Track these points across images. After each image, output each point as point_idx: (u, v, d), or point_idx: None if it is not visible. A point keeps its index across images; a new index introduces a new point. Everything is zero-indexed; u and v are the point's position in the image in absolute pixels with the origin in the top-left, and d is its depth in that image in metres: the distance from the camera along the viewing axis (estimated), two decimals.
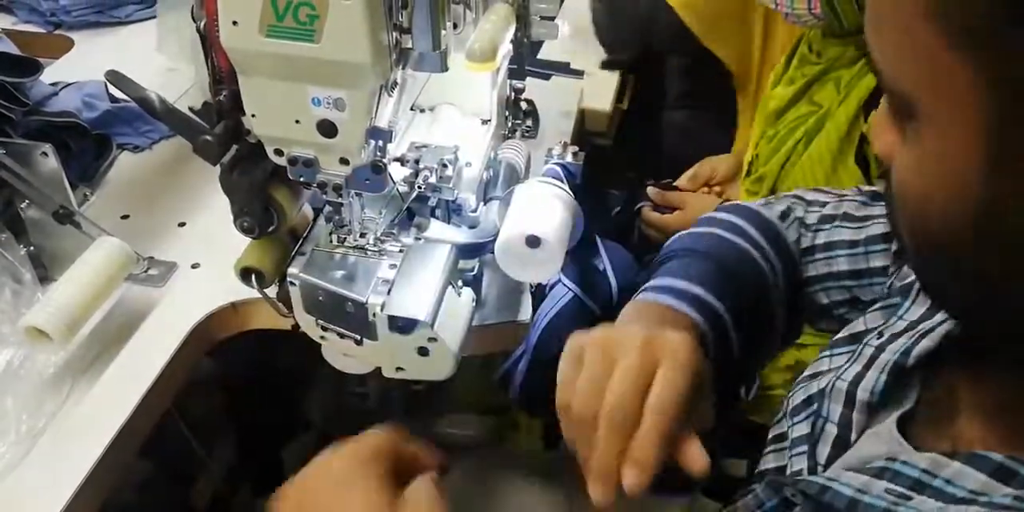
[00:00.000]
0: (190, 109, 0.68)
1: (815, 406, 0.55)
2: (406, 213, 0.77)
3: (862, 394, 0.50)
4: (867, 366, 0.51)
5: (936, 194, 0.37)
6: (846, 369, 0.53)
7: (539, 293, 0.80)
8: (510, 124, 0.99)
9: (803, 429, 0.56)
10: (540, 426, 1.19)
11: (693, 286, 0.62)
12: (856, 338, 0.57)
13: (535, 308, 0.79)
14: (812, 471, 0.52)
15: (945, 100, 0.35)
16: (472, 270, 0.79)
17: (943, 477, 0.40)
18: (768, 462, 0.59)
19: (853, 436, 0.50)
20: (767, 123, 1.13)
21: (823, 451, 0.52)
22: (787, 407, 0.59)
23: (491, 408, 1.33)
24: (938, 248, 0.39)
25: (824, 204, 0.72)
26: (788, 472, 0.54)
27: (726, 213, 0.71)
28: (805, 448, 0.54)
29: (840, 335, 0.59)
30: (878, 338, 0.53)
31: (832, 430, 0.52)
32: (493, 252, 0.77)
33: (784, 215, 0.71)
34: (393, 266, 0.74)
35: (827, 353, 0.58)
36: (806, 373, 0.59)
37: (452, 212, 0.80)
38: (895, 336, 0.51)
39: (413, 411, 1.37)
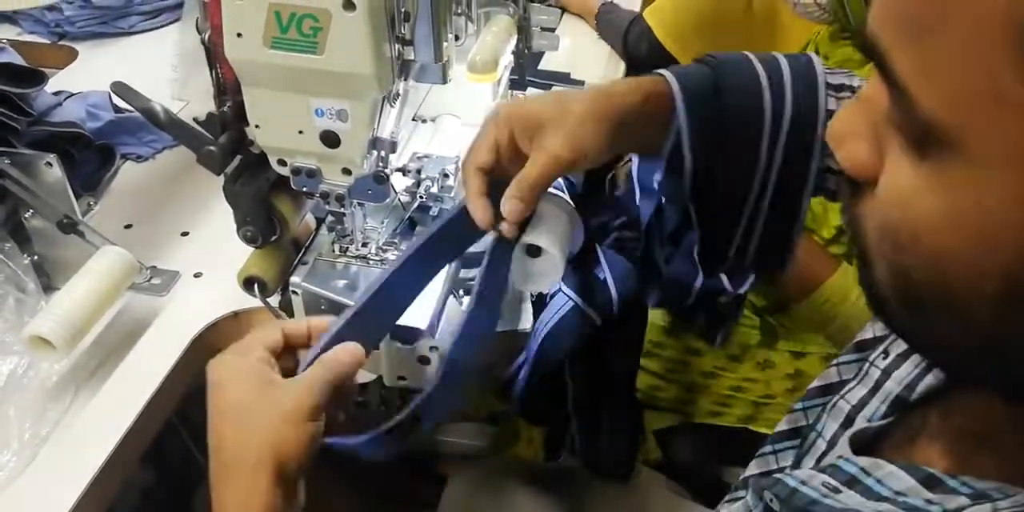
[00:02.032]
0: (194, 120, 0.69)
1: (809, 420, 0.56)
2: (408, 223, 0.78)
3: (860, 421, 0.50)
4: (872, 391, 0.50)
5: (965, 253, 0.31)
6: (852, 389, 0.52)
7: (539, 302, 0.80)
8: None
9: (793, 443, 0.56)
10: (541, 435, 1.19)
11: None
12: (863, 347, 0.56)
13: (535, 317, 0.80)
14: None
15: (1006, 146, 0.28)
16: (473, 279, 0.79)
17: (875, 477, 0.39)
18: (751, 469, 0.59)
19: None
20: None
21: (808, 463, 0.52)
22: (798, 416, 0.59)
23: (491, 417, 1.33)
24: (941, 307, 0.33)
25: None
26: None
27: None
28: (791, 454, 0.55)
29: (848, 347, 0.59)
30: (884, 357, 0.51)
31: (821, 446, 0.52)
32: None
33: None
34: None
35: (834, 362, 0.58)
36: (816, 384, 0.59)
37: None
38: (901, 357, 0.50)
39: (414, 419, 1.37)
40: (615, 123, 0.60)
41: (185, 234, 0.96)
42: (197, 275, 0.90)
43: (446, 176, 0.77)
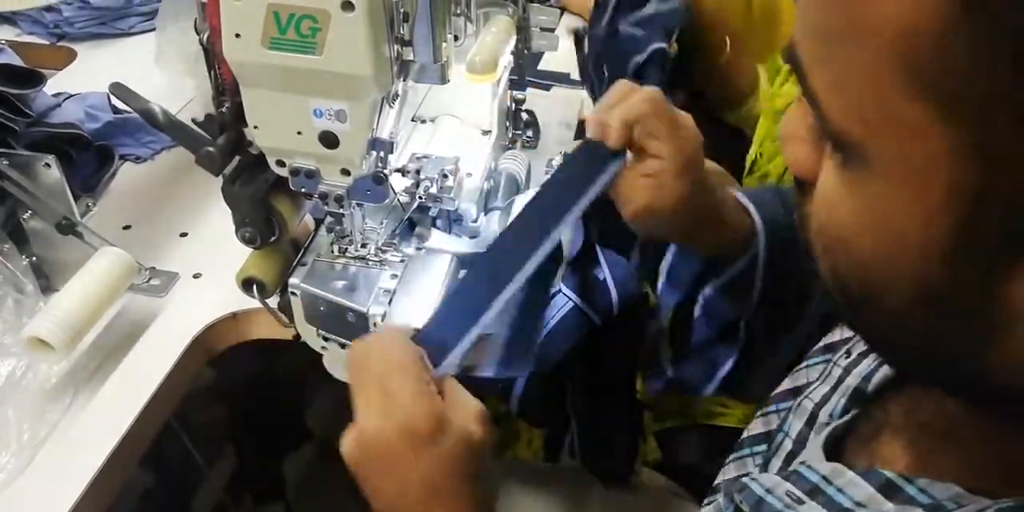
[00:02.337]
0: (192, 121, 0.69)
1: (780, 422, 0.56)
2: (407, 223, 0.78)
3: (823, 416, 0.50)
4: (833, 388, 0.51)
5: (881, 255, 0.32)
6: (815, 387, 0.53)
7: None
8: (511, 135, 1.00)
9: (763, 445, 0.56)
10: (540, 436, 1.19)
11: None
12: (831, 349, 0.56)
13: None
14: None
15: (908, 164, 0.29)
16: None
17: (836, 486, 0.40)
18: (728, 472, 0.59)
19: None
20: (773, 121, 1.13)
21: (775, 465, 0.53)
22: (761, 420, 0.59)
23: (491, 418, 1.33)
24: (870, 305, 0.34)
25: None
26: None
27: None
28: (762, 460, 0.55)
29: (816, 347, 0.59)
30: (846, 357, 0.52)
31: (788, 445, 0.52)
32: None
33: None
34: (394, 276, 0.74)
35: (804, 365, 0.59)
36: (784, 387, 0.59)
37: (453, 222, 0.80)
38: (861, 356, 0.50)
39: None
40: (707, 205, 0.63)
41: (184, 235, 0.96)
42: (196, 276, 0.90)
43: (445, 176, 0.77)
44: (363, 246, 0.75)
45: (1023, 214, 0.27)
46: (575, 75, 1.39)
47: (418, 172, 0.76)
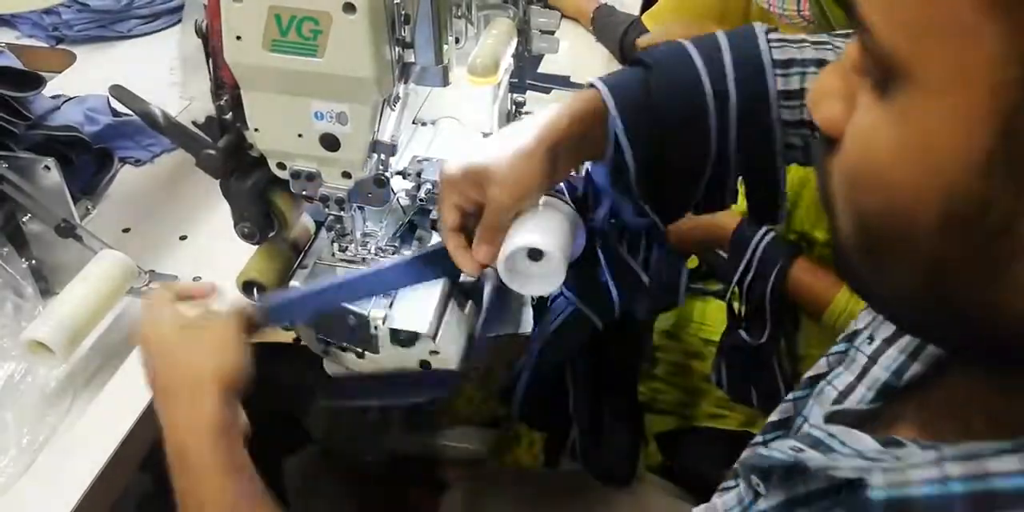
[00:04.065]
0: (193, 123, 0.69)
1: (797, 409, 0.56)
2: (407, 226, 0.78)
3: (850, 406, 0.50)
4: (859, 378, 0.51)
5: (911, 182, 0.32)
6: (838, 374, 0.53)
7: (541, 306, 0.79)
8: None
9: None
10: (541, 440, 1.19)
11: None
12: (851, 338, 0.56)
13: (537, 321, 0.79)
14: None
15: (950, 69, 0.30)
16: (473, 283, 0.79)
17: (840, 439, 0.40)
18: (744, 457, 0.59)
19: None
20: None
21: None
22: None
23: (492, 421, 1.33)
24: (887, 239, 0.35)
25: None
26: None
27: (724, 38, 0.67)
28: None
29: (840, 337, 0.59)
30: (869, 342, 0.52)
31: (807, 430, 0.52)
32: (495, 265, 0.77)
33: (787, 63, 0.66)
34: None
35: (827, 354, 0.59)
36: (807, 375, 0.59)
37: None
38: (886, 343, 0.50)
39: (414, 425, 1.37)
40: (549, 153, 0.63)
41: (183, 238, 0.96)
42: (196, 279, 0.89)
43: None
44: (363, 247, 0.75)
45: None
46: (575, 78, 1.39)
47: (419, 175, 0.76)
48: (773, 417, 0.59)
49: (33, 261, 0.86)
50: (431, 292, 0.73)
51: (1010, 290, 0.31)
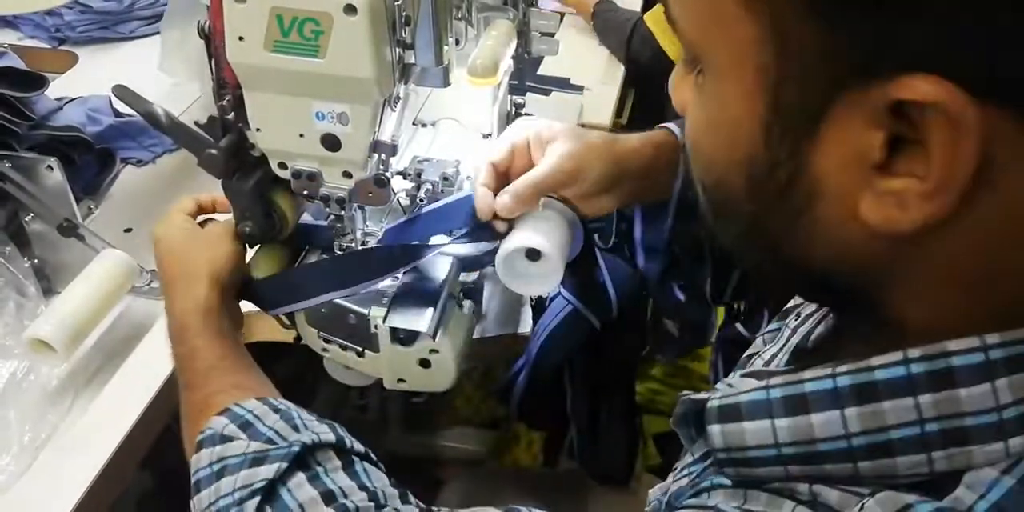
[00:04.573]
0: (195, 123, 0.69)
1: None
2: None
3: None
4: (782, 348, 0.53)
5: (721, 155, 0.37)
6: (767, 349, 0.56)
7: (539, 306, 0.80)
8: None
9: None
10: (540, 439, 1.19)
11: None
12: (784, 315, 0.58)
13: (535, 321, 0.80)
14: None
15: (727, 53, 0.35)
16: (473, 282, 0.79)
17: (730, 384, 0.45)
18: None
19: None
20: None
21: None
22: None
23: (491, 421, 1.33)
24: (719, 204, 0.40)
25: None
26: None
27: None
28: None
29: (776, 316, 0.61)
30: (795, 319, 0.54)
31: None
32: (494, 265, 0.77)
33: None
34: (395, 278, 0.74)
35: (762, 333, 0.60)
36: (747, 353, 0.60)
37: None
38: (807, 317, 0.52)
39: (413, 424, 1.37)
40: (622, 165, 0.67)
41: None
42: None
43: (446, 179, 0.77)
44: (363, 246, 0.75)
45: (811, 90, 0.32)
46: (574, 80, 1.40)
47: (419, 175, 0.76)
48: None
49: (35, 260, 0.87)
50: (431, 291, 0.74)
51: (809, 237, 0.36)
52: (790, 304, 0.59)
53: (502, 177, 0.68)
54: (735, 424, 0.39)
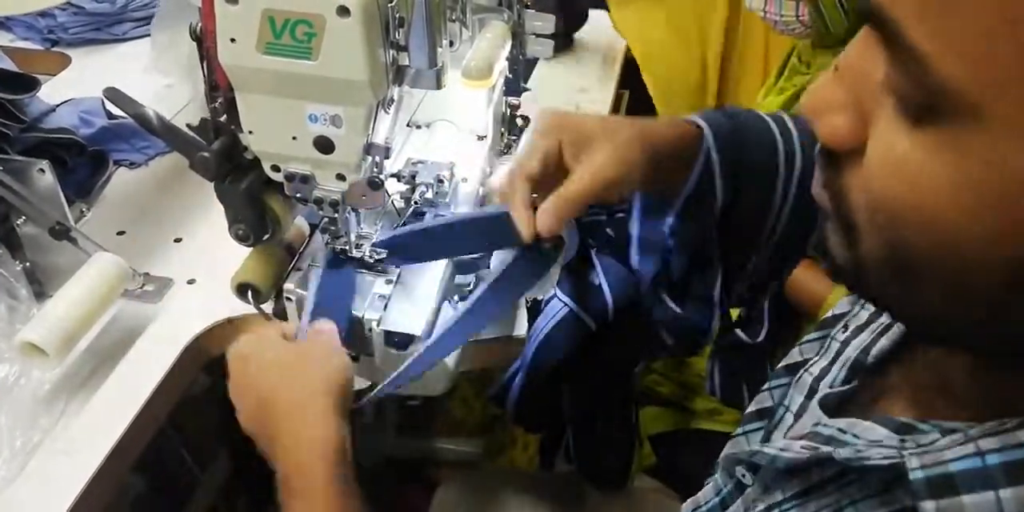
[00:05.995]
0: (187, 126, 0.69)
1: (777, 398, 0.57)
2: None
3: (823, 388, 0.51)
4: (832, 361, 0.52)
5: (974, 229, 0.30)
6: (815, 362, 0.54)
7: (535, 308, 0.80)
8: (505, 140, 1.00)
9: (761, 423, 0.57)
10: (536, 442, 1.19)
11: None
12: (826, 325, 0.57)
13: (531, 323, 0.79)
14: None
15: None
16: (468, 285, 0.79)
17: (853, 433, 0.41)
18: (727, 449, 0.60)
19: None
20: None
21: (778, 437, 0.53)
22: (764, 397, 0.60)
23: (486, 424, 1.33)
24: (932, 272, 0.33)
25: None
26: None
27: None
28: (761, 434, 0.56)
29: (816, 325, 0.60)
30: (844, 331, 0.52)
31: (789, 419, 0.53)
32: (489, 267, 0.77)
33: None
34: (389, 281, 0.74)
35: (800, 343, 0.59)
36: (781, 364, 0.60)
37: None
38: (859, 329, 0.51)
39: (408, 427, 1.37)
40: (657, 152, 0.63)
41: (178, 240, 0.96)
42: (190, 282, 0.89)
43: (440, 182, 0.77)
44: (357, 248, 0.75)
45: None
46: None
47: (414, 177, 0.76)
48: (752, 407, 0.60)
49: (27, 263, 0.86)
50: (426, 294, 0.73)
51: None
52: (829, 314, 0.56)
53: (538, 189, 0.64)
54: (952, 499, 0.34)
